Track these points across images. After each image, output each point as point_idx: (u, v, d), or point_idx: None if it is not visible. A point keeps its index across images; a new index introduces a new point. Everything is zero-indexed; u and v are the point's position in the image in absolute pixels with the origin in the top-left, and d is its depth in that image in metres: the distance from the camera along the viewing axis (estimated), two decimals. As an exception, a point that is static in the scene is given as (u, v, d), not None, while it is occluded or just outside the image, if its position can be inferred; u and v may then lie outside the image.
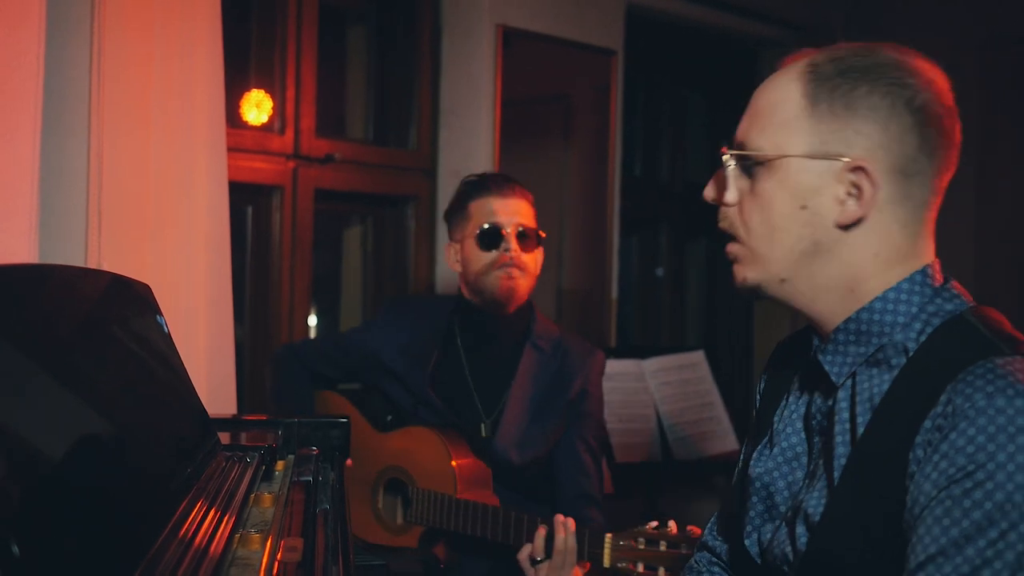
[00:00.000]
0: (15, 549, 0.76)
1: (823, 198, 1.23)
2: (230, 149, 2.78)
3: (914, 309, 1.22)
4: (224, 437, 1.76)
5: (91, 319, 1.35)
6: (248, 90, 3.32)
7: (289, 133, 3.38)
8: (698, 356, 3.61)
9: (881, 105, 1.20)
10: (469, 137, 3.75)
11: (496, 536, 2.26)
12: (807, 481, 1.31)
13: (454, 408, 2.51)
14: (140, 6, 2.46)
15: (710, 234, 4.41)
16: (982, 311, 1.24)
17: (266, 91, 3.35)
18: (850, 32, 5.14)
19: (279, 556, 1.20)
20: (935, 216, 1.28)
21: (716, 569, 1.51)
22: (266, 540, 1.27)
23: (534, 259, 2.48)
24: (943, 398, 1.12)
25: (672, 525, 2.09)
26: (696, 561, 1.55)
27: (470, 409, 2.52)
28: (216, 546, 1.15)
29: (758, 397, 1.49)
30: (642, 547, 2.09)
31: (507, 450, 2.44)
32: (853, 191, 1.22)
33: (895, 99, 1.21)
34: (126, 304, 1.52)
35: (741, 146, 1.28)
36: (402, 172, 3.74)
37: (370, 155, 3.69)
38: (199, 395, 1.71)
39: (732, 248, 1.31)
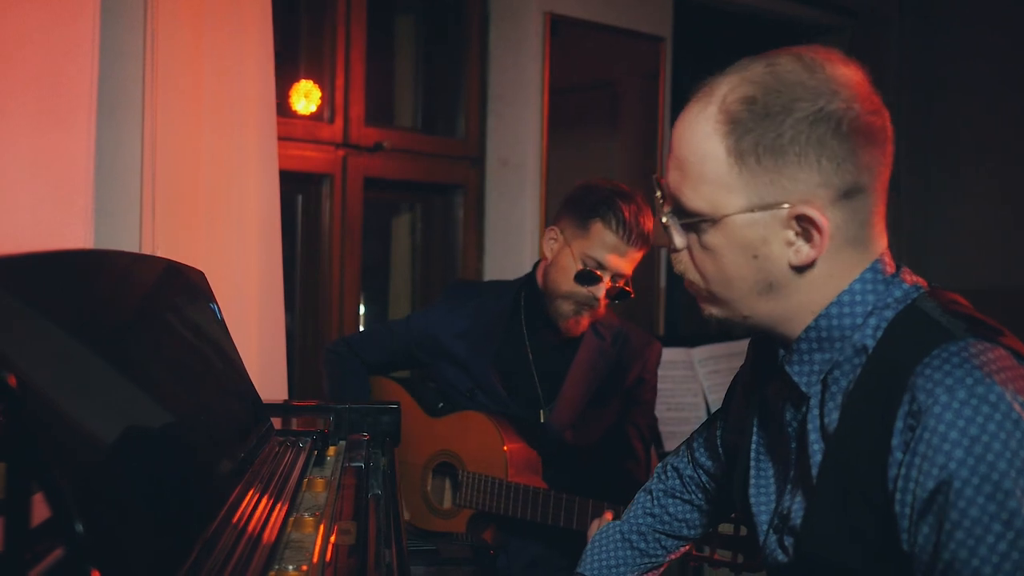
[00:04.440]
0: (79, 527, 0.78)
1: (772, 245, 1.21)
2: (280, 138, 2.80)
3: (868, 307, 1.21)
4: (276, 423, 1.78)
5: (147, 305, 1.37)
6: (298, 79, 3.35)
7: (339, 122, 3.40)
8: (747, 344, 3.57)
9: (809, 146, 1.16)
10: (517, 125, 3.74)
11: (547, 519, 2.28)
12: (789, 488, 1.31)
13: (514, 393, 2.53)
14: (192, -4, 2.49)
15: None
16: (934, 295, 1.22)
17: (316, 80, 3.37)
18: (905, 17, 5.04)
19: (332, 539, 1.21)
20: (883, 210, 1.24)
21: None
22: (319, 523, 1.28)
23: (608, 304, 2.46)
24: (907, 396, 1.12)
25: None
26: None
27: (531, 394, 2.53)
28: (271, 530, 1.16)
29: (738, 387, 1.55)
30: None
31: (563, 430, 2.47)
32: (801, 232, 1.20)
33: (821, 134, 1.16)
34: (181, 290, 1.53)
35: (677, 201, 1.25)
36: (450, 160, 3.74)
37: (419, 143, 3.70)
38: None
39: (693, 288, 1.31)
